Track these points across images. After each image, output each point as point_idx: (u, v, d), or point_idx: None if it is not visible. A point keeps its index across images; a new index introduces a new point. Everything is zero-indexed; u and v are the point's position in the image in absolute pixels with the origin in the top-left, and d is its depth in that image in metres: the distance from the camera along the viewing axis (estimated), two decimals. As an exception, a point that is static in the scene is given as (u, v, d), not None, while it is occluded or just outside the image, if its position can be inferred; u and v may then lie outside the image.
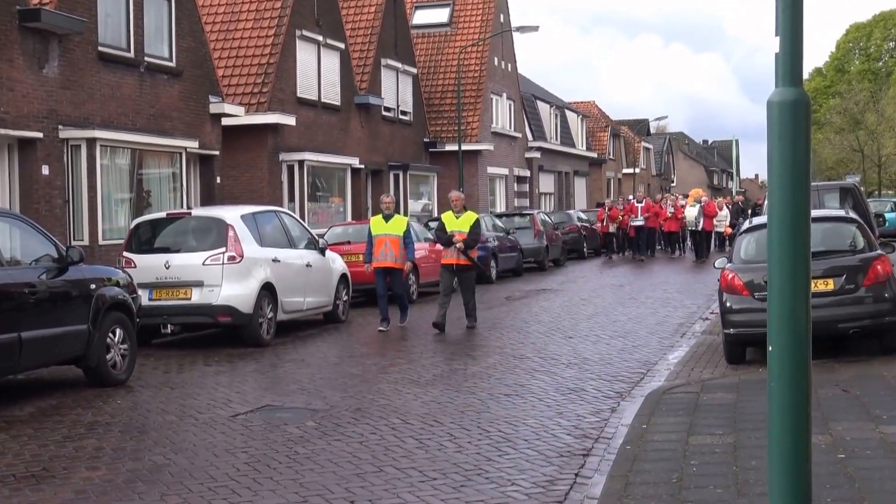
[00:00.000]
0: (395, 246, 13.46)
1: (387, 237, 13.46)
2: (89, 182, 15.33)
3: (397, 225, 13.62)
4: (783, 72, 3.72)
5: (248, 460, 6.53)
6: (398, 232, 13.54)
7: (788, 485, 3.66)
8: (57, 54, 14.74)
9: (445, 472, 6.10)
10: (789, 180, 3.69)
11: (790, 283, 3.70)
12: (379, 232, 13.55)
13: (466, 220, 13.44)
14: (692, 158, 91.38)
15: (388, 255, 13.41)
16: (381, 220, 13.72)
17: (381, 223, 13.66)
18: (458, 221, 13.39)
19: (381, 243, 13.47)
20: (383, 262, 13.41)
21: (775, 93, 3.74)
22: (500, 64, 35.99)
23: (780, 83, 3.73)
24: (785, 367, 3.68)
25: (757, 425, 6.63)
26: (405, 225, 13.66)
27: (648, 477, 5.71)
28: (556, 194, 43.38)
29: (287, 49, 22.24)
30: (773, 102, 3.73)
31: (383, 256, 13.43)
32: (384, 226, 13.58)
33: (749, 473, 5.65)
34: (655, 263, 26.96)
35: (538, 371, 9.88)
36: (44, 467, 6.47)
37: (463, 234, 13.17)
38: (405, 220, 13.81)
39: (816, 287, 9.44)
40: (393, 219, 13.63)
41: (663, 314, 14.92)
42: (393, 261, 13.45)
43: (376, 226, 13.64)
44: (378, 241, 13.50)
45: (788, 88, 3.72)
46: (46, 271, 8.98)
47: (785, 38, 3.71)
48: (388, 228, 13.53)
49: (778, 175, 3.70)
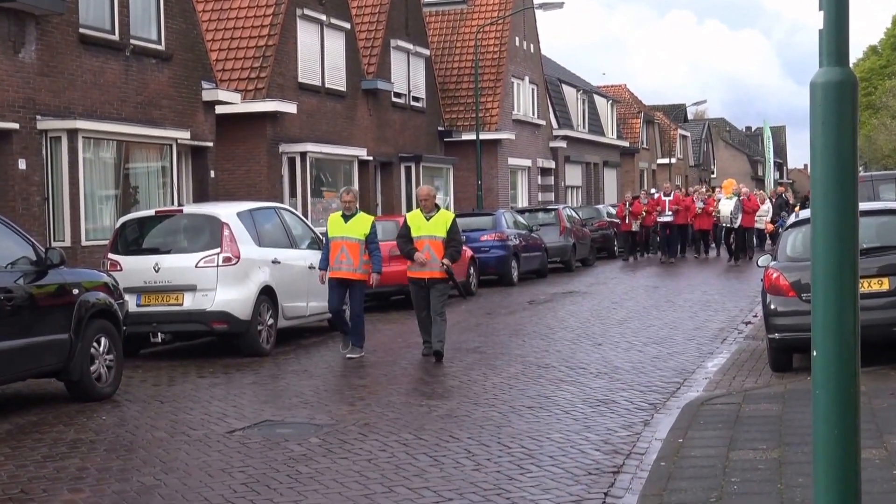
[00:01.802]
0: (354, 252, 11.85)
1: (344, 241, 11.87)
2: (70, 177, 15.45)
3: (358, 226, 11.95)
4: (828, 50, 3.73)
5: (245, 480, 6.58)
6: (357, 235, 11.88)
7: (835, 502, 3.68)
8: (34, 37, 14.86)
9: (462, 493, 6.13)
10: (834, 169, 3.70)
11: (836, 283, 3.71)
12: (335, 234, 11.96)
13: (440, 221, 11.74)
14: (734, 147, 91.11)
15: (343, 263, 11.85)
16: (339, 219, 12.06)
17: (338, 223, 12.03)
18: (430, 224, 11.70)
19: (337, 248, 11.90)
20: (338, 271, 11.89)
21: (819, 73, 3.75)
22: (521, 44, 35.99)
23: (825, 62, 3.74)
24: (831, 373, 3.69)
25: (804, 439, 6.63)
26: (369, 226, 11.97)
27: (685, 496, 5.73)
28: (584, 187, 43.37)
29: (287, 30, 22.34)
30: (816, 83, 3.74)
31: (338, 264, 11.88)
32: (342, 227, 11.96)
33: (795, 492, 5.66)
34: (688, 265, 26.88)
35: (564, 381, 9.91)
36: (22, 489, 6.53)
37: (437, 243, 11.60)
38: (369, 221, 12.10)
39: (870, 287, 9.43)
40: (354, 218, 12.00)
41: (702, 318, 14.92)
42: (350, 270, 11.85)
43: (333, 226, 12.05)
44: (334, 245, 11.95)
45: (833, 68, 3.74)
46: (24, 275, 9.06)
47: (829, 12, 3.72)
48: (346, 230, 11.91)
49: (822, 163, 3.72)
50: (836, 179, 3.70)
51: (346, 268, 11.87)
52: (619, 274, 24.60)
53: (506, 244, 21.89)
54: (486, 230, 22.07)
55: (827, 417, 3.71)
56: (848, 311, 3.70)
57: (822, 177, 3.72)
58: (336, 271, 11.91)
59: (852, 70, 3.77)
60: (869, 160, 57.78)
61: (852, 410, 3.72)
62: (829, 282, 3.71)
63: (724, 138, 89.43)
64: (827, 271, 3.72)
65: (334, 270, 11.92)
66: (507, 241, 21.97)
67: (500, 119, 33.37)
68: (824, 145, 3.71)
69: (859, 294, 3.81)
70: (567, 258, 25.75)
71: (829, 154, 3.70)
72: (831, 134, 3.70)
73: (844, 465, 3.69)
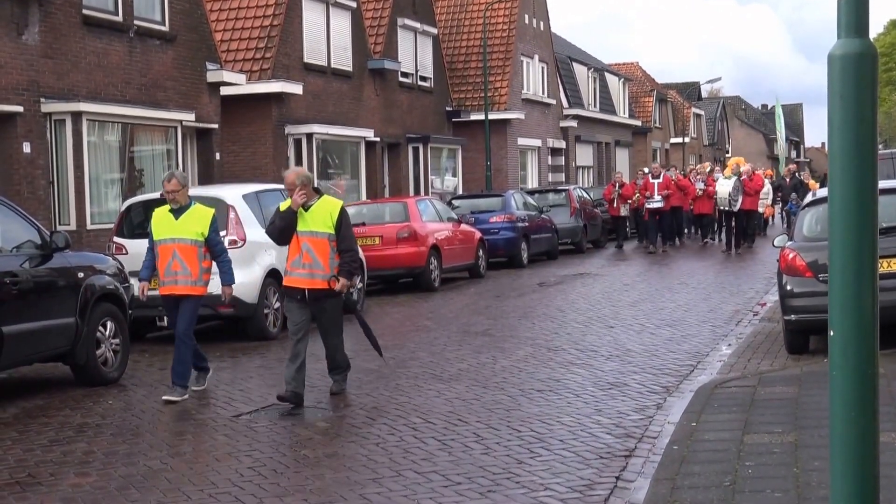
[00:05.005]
0: (190, 259, 8.89)
1: (175, 244, 8.90)
2: (75, 160, 15.46)
3: (193, 223, 8.95)
4: (846, 20, 3.66)
5: (252, 465, 6.59)
6: (193, 235, 8.93)
7: (852, 487, 3.64)
8: (37, 19, 14.83)
9: (471, 477, 6.12)
10: (853, 144, 3.64)
11: (854, 262, 3.66)
12: (163, 236, 8.97)
13: (322, 213, 8.61)
14: (749, 125, 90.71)
15: (179, 273, 8.87)
16: (165, 215, 9.05)
17: (165, 221, 9.02)
18: (307, 217, 8.59)
19: (167, 254, 8.92)
20: (172, 286, 8.91)
21: (837, 45, 3.68)
22: (531, 22, 35.81)
23: (843, 33, 3.67)
24: (849, 355, 3.65)
25: (821, 422, 6.60)
26: (208, 222, 8.97)
27: (698, 480, 5.70)
28: (596, 168, 43.23)
29: (292, 9, 22.26)
30: (834, 56, 3.67)
31: (171, 276, 8.90)
32: (171, 225, 8.96)
33: (811, 475, 5.63)
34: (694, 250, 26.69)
35: (575, 364, 9.89)
36: (29, 473, 6.56)
37: (321, 242, 8.53)
38: (208, 216, 9.02)
39: (891, 267, 9.37)
40: (187, 213, 8.97)
41: (717, 300, 14.87)
42: (188, 283, 8.90)
43: (159, 225, 9.04)
44: (162, 250, 8.95)
45: (852, 40, 3.66)
46: (29, 259, 9.08)
47: (848, -19, 3.65)
48: (175, 230, 8.92)
49: (840, 139, 3.66)
50: (855, 155, 3.64)
51: (182, 280, 8.88)
52: (631, 255, 24.53)
53: (515, 225, 21.84)
54: (496, 211, 22.03)
55: (844, 400, 3.67)
56: (866, 292, 3.65)
57: (839, 153, 3.66)
58: (170, 286, 8.90)
59: (872, 42, 3.71)
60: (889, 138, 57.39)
61: (870, 393, 3.68)
62: (846, 261, 3.66)
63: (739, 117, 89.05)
64: (845, 251, 3.67)
65: (167, 285, 8.92)
66: (517, 223, 21.91)
67: (510, 98, 33.24)
68: (843, 120, 3.64)
69: (878, 274, 3.76)
70: (578, 240, 25.68)
71: (847, 129, 3.64)
72: (850, 108, 3.63)
73: (862, 449, 3.65)
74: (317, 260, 8.49)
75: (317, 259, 8.49)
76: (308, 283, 8.50)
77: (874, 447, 3.70)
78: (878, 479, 3.74)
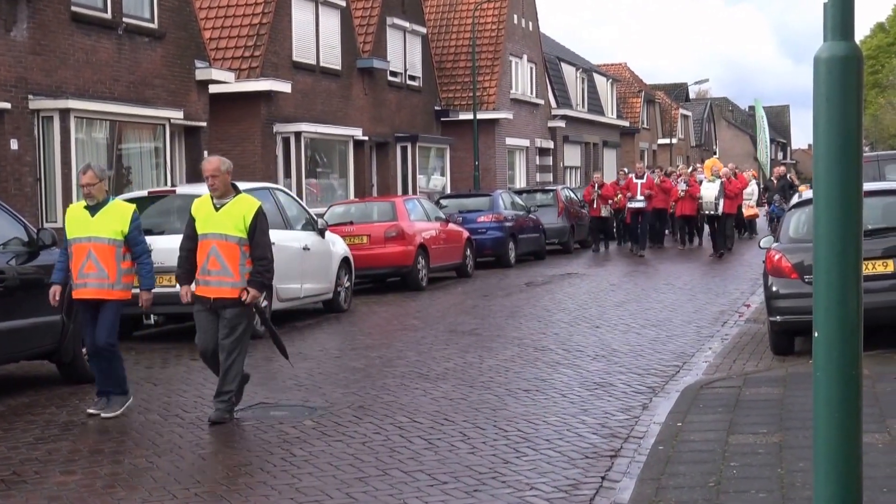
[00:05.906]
0: (107, 259, 8.10)
1: (91, 243, 8.10)
2: (63, 157, 15.39)
3: (110, 220, 8.16)
4: (832, 23, 3.69)
5: (239, 463, 6.58)
6: (110, 234, 8.13)
7: (836, 487, 3.66)
8: (26, 15, 14.76)
9: (457, 476, 6.12)
10: (838, 147, 3.66)
11: (839, 264, 3.68)
12: (77, 234, 8.16)
13: (235, 213, 7.76)
14: (736, 127, 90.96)
15: (91, 276, 8.09)
16: (80, 211, 8.25)
17: (80, 218, 8.22)
18: (219, 216, 7.77)
19: (82, 254, 8.13)
20: (83, 289, 8.15)
21: (823, 48, 3.71)
22: (519, 22, 35.85)
23: (829, 36, 3.70)
24: (833, 356, 3.67)
25: (806, 423, 6.62)
26: (128, 220, 8.18)
27: (683, 480, 5.72)
28: (583, 168, 43.28)
29: (281, 7, 22.22)
30: (820, 59, 3.70)
31: (83, 279, 8.13)
32: (86, 223, 8.16)
33: (796, 476, 5.65)
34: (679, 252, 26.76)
35: (561, 364, 9.90)
36: (14, 471, 6.53)
37: (230, 246, 7.70)
38: (128, 212, 8.24)
39: (875, 269, 9.41)
40: (104, 209, 8.18)
41: (703, 301, 14.91)
42: (101, 287, 8.10)
43: (73, 223, 8.23)
44: (76, 249, 8.15)
45: (838, 42, 3.69)
46: (15, 256, 9.04)
47: (834, -15, 3.67)
48: (91, 228, 8.13)
49: (825, 141, 3.68)
50: (840, 157, 3.66)
51: (94, 283, 8.09)
52: (618, 256, 24.57)
53: (503, 225, 21.86)
54: (484, 211, 22.05)
55: (828, 400, 3.69)
56: (851, 293, 3.67)
57: (825, 155, 3.68)
58: (81, 289, 8.14)
59: (858, 45, 3.73)
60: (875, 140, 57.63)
61: (854, 394, 3.70)
62: (831, 263, 3.68)
63: (726, 118, 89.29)
64: (830, 252, 3.69)
65: (79, 288, 8.16)
66: (505, 223, 21.94)
67: (498, 98, 33.27)
68: (828, 122, 3.67)
69: (863, 276, 3.78)
70: (565, 240, 25.72)
71: (832, 131, 3.66)
72: (835, 110, 3.66)
73: (846, 450, 3.67)
74: (226, 266, 7.70)
75: (226, 265, 7.70)
76: (215, 293, 7.73)
77: (858, 448, 3.72)
78: (861, 479, 3.76)
